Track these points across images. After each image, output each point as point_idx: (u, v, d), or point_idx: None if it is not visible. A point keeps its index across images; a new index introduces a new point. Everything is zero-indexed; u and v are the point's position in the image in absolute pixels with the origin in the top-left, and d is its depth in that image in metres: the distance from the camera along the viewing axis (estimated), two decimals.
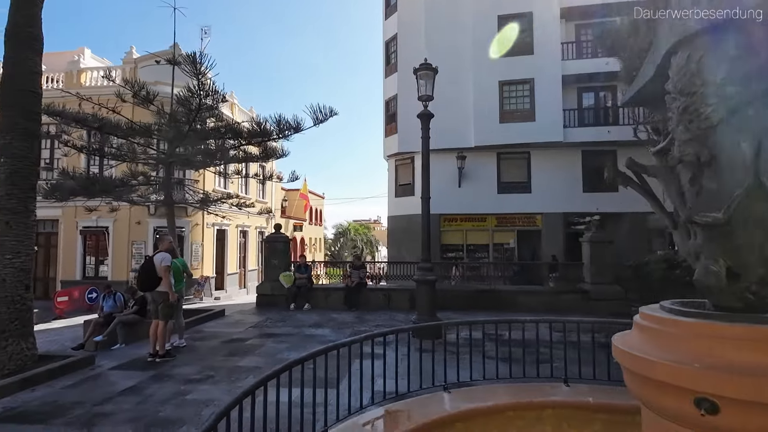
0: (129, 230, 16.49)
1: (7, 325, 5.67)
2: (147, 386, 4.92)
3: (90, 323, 9.04)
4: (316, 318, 9.09)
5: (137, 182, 9.05)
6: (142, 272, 6.20)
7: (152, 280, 6.18)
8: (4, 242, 5.76)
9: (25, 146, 5.98)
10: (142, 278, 6.12)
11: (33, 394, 4.98)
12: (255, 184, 22.60)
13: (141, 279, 6.14)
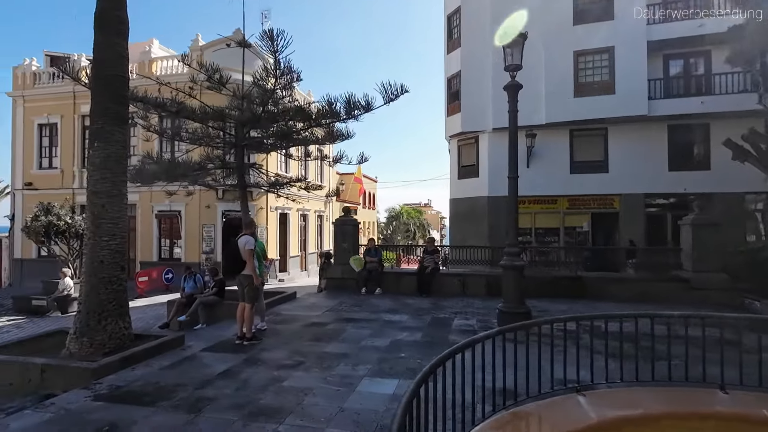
0: (199, 214, 17.11)
1: (105, 305, 5.85)
2: (241, 370, 4.86)
3: (173, 303, 9.40)
4: (390, 303, 8.86)
5: (213, 166, 9.16)
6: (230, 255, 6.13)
7: (238, 263, 6.14)
8: (101, 225, 5.91)
9: (116, 130, 6.07)
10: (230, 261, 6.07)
11: (133, 373, 5.08)
12: (313, 167, 22.75)
13: (229, 262, 6.08)
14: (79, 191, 18.16)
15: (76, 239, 13.27)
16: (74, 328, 5.74)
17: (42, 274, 17.99)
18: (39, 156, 19.09)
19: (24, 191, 18.99)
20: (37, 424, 3.68)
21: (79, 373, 4.96)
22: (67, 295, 12.12)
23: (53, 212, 12.74)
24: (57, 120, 18.70)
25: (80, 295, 5.92)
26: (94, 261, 5.85)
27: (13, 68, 19.28)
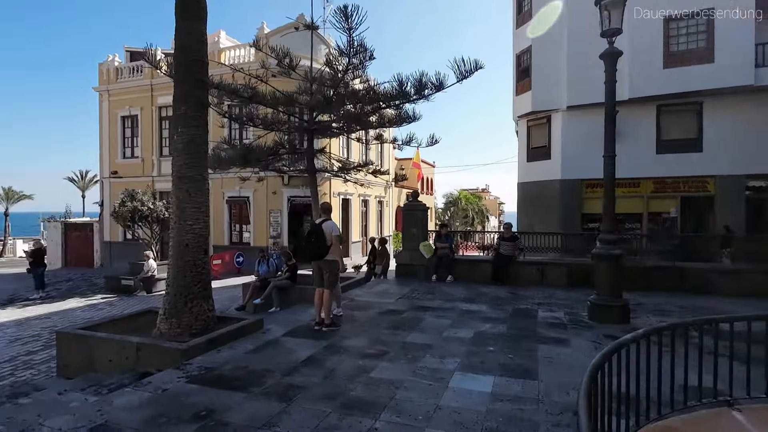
0: (267, 200, 17.57)
1: (191, 288, 5.98)
2: (325, 358, 4.74)
3: (248, 286, 9.65)
4: (465, 292, 8.49)
5: (285, 150, 9.18)
6: (310, 240, 5.99)
7: (321, 249, 6.03)
8: (186, 209, 6.02)
9: (198, 115, 6.13)
10: (312, 246, 5.94)
11: (219, 355, 5.13)
12: (374, 152, 22.62)
13: (310, 247, 5.95)
14: (158, 179, 19.31)
15: (156, 223, 14.09)
16: (163, 309, 5.94)
17: (127, 255, 19.45)
18: (122, 146, 20.50)
19: (111, 179, 20.52)
20: (138, 404, 3.75)
21: (171, 354, 5.09)
22: (151, 276, 12.92)
23: (137, 198, 13.57)
24: (137, 112, 19.91)
25: (168, 278, 6.10)
26: (180, 245, 5.98)
27: (98, 65, 20.73)
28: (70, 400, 4.38)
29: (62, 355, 5.87)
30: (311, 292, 9.21)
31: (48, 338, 8.12)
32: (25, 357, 7.03)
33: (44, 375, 6.20)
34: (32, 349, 7.43)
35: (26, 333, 8.56)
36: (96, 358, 5.55)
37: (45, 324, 9.33)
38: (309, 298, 9.09)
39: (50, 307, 11.15)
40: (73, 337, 5.77)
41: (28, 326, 9.12)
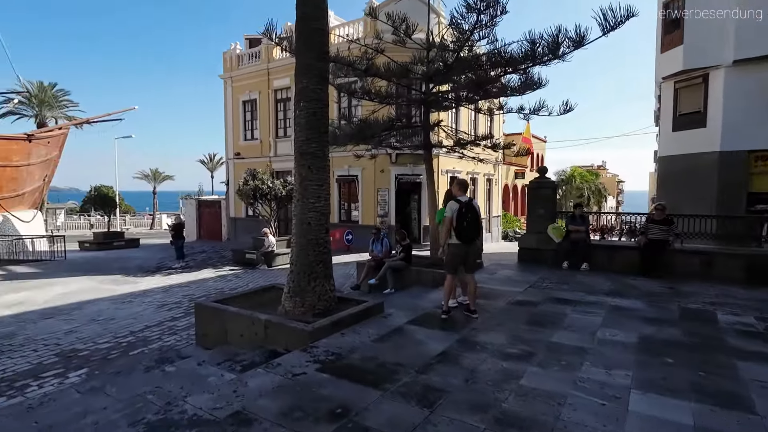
0: (375, 178, 17.50)
1: (314, 267, 5.84)
2: (461, 355, 4.18)
3: (363, 265, 9.53)
4: (608, 283, 7.30)
5: (401, 125, 8.70)
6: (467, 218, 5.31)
7: (480, 229, 5.49)
8: (308, 187, 5.85)
9: (319, 88, 5.86)
10: (473, 226, 5.32)
11: (344, 339, 4.88)
12: (483, 126, 21.30)
13: (472, 227, 5.31)
14: (275, 159, 20.41)
15: (275, 201, 14.80)
16: (287, 287, 5.90)
17: (249, 231, 21.06)
18: (244, 129, 22.02)
19: (234, 160, 22.25)
20: (270, 388, 3.58)
21: (297, 334, 4.97)
22: (271, 251, 13.65)
23: (258, 177, 14.32)
24: (256, 96, 21.13)
25: (291, 255, 6.03)
26: (303, 223, 5.85)
27: (223, 53, 22.35)
28: (208, 373, 4.43)
29: (200, 325, 6.18)
30: (427, 274, 8.79)
31: (187, 306, 8.83)
32: (169, 323, 7.66)
33: (185, 342, 6.61)
34: (175, 316, 8.11)
35: (170, 299, 9.44)
36: (229, 331, 5.71)
37: (185, 292, 10.26)
38: (425, 281, 8.67)
39: (188, 276, 12.33)
40: (208, 310, 6.01)
41: (171, 293, 10.11)
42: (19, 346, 6.43)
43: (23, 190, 22.49)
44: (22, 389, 5.04)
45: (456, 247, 5.40)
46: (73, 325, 7.51)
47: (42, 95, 36.86)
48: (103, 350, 6.30)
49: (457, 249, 5.40)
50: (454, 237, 5.33)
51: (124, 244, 20.85)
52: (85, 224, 41.07)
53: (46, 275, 12.73)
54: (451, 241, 5.40)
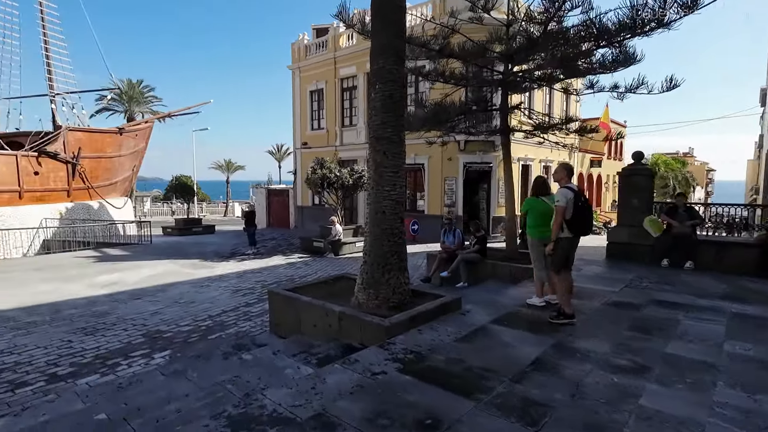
0: (441, 167, 16.97)
1: (388, 258, 5.57)
2: (559, 363, 3.69)
3: (434, 257, 9.15)
4: (721, 285, 6.35)
5: (477, 108, 8.14)
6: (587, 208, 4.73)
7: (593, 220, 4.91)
8: (383, 174, 5.56)
9: (395, 69, 5.50)
10: (588, 218, 4.74)
11: (422, 337, 4.57)
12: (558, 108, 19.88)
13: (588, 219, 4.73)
14: (340, 148, 20.51)
15: (341, 190, 14.80)
16: (361, 278, 5.69)
17: (315, 219, 21.45)
18: (311, 119, 22.35)
19: (302, 150, 22.70)
20: (350, 387, 3.35)
21: (373, 329, 4.73)
22: (337, 240, 13.69)
23: (325, 166, 14.37)
24: (323, 85, 21.30)
25: (364, 246, 5.80)
26: (377, 211, 5.58)
27: (291, 44, 22.75)
28: (284, 365, 4.32)
29: (274, 313, 6.17)
30: (503, 268, 8.22)
31: (260, 292, 9.00)
32: (244, 308, 7.81)
33: (259, 328, 6.67)
34: (249, 302, 8.27)
35: (244, 285, 9.70)
36: (302, 321, 5.62)
37: (257, 278, 10.51)
38: (501, 275, 8.11)
39: (260, 263, 12.69)
40: (281, 298, 5.97)
41: (245, 279, 10.40)
42: (111, 325, 6.83)
43: (116, 179, 24.60)
44: (113, 367, 5.28)
45: (568, 242, 4.75)
46: (158, 307, 7.89)
47: (131, 92, 40.12)
48: (184, 333, 6.51)
49: (569, 243, 4.76)
50: (566, 230, 4.68)
51: (202, 230, 22.12)
52: (168, 211, 44.40)
53: (135, 258, 13.72)
54: (562, 234, 4.72)
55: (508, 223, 8.81)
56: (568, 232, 4.62)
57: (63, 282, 9.95)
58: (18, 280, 10.09)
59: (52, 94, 22.88)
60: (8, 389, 4.70)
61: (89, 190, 22.02)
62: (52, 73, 22.98)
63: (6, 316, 7.34)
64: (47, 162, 19.58)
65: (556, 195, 4.69)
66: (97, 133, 22.97)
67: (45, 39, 22.87)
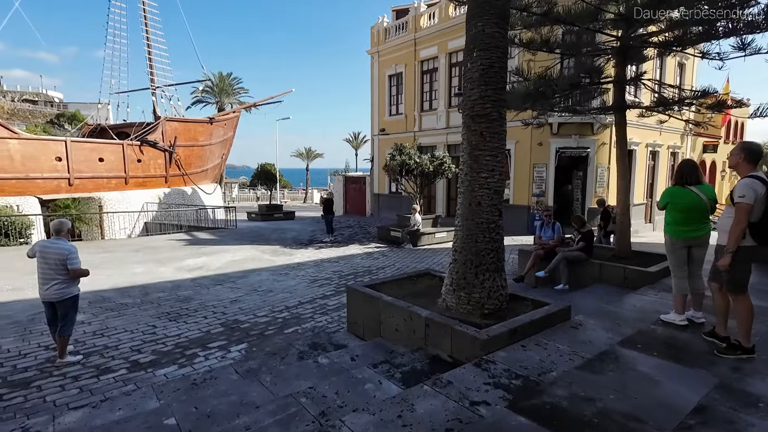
0: (530, 153, 15.52)
1: (483, 257, 4.77)
2: (736, 414, 2.68)
3: (527, 254, 8.13)
4: None
5: (590, 81, 6.90)
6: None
7: None
8: (479, 158, 4.74)
9: (497, 32, 4.62)
10: (562, 206, 3.67)
11: (526, 354, 3.75)
12: (671, 79, 17.22)
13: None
14: (419, 134, 19.73)
15: (420, 177, 14.07)
16: (450, 278, 4.96)
17: (392, 207, 20.99)
18: (389, 104, 21.79)
19: (379, 136, 22.28)
20: (445, 423, 2.68)
21: (467, 342, 4.00)
22: (416, 230, 13.03)
23: (405, 152, 13.71)
24: (402, 69, 20.59)
25: (454, 241, 5.05)
26: (472, 202, 4.79)
27: (370, 28, 22.26)
28: (364, 377, 3.76)
29: (352, 311, 5.67)
30: (615, 270, 7.00)
31: (337, 283, 8.65)
32: (321, 300, 7.47)
33: (336, 324, 6.24)
34: (326, 293, 7.93)
35: (321, 275, 9.43)
36: (383, 323, 5.04)
37: (334, 267, 10.22)
38: (610, 278, 6.91)
39: (337, 251, 12.46)
40: (360, 295, 5.43)
41: (322, 268, 10.16)
42: (193, 312, 6.81)
43: (207, 166, 26.16)
44: (191, 358, 5.13)
45: (750, 252, 3.44)
46: (237, 294, 7.83)
47: (221, 84, 42.59)
48: (261, 324, 6.27)
49: (752, 255, 3.46)
50: (747, 236, 3.40)
51: (282, 216, 22.73)
52: (253, 197, 46.88)
53: (221, 242, 14.23)
54: (744, 243, 3.40)
55: (621, 216, 7.51)
56: (751, 240, 3.42)
57: (155, 264, 10.43)
58: (118, 261, 10.77)
59: (153, 88, 24.76)
60: (94, 375, 4.69)
61: (184, 177, 23.60)
62: (153, 68, 24.82)
63: (103, 296, 7.69)
64: (148, 150, 21.21)
65: (738, 188, 3.41)
66: (190, 122, 24.48)
67: (147, 38, 24.72)
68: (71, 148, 17.76)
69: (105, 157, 19.15)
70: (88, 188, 18.49)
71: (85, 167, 18.34)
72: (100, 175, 18.96)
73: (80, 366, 4.89)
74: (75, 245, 4.99)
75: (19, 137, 16.42)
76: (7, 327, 6.11)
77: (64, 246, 4.77)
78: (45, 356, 5.12)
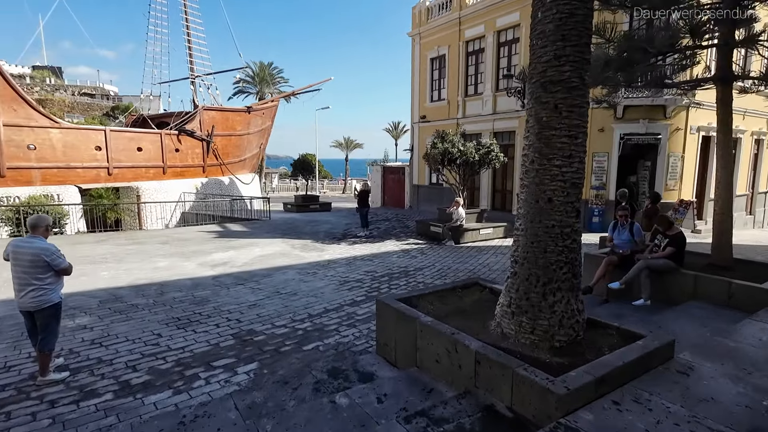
0: (590, 140, 13.76)
1: (554, 272, 3.60)
2: None
3: (596, 259, 6.79)
4: None
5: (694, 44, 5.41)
6: None
7: None
8: (551, 139, 3.55)
9: None
10: None
11: (624, 420, 2.65)
12: None
13: None
14: (463, 121, 18.35)
15: (464, 167, 12.81)
16: (507, 296, 3.83)
17: (431, 199, 19.79)
18: (430, 89, 20.48)
19: (419, 124, 21.04)
20: None
21: (534, 393, 2.89)
22: (459, 225, 11.83)
23: (448, 140, 12.49)
24: (445, 51, 19.20)
25: (514, 249, 3.90)
26: (539, 198, 3.62)
27: (411, 8, 20.94)
28: None
29: (382, 330, 4.66)
30: (716, 285, 5.55)
31: (369, 286, 7.70)
32: (349, 308, 6.53)
33: (364, 341, 5.26)
34: (356, 298, 6.99)
35: (352, 276, 8.50)
36: (421, 350, 3.99)
37: (367, 267, 9.26)
38: (708, 294, 5.46)
39: (372, 248, 11.49)
40: (393, 313, 4.40)
41: (354, 267, 9.23)
42: (206, 318, 6.06)
43: (245, 156, 25.92)
44: (190, 381, 4.31)
45: None
46: (258, 297, 7.04)
47: (262, 74, 42.57)
48: (278, 337, 5.40)
49: None
50: None
51: (318, 208, 22.08)
52: (293, 187, 46.95)
53: (252, 235, 13.64)
54: None
55: (721, 216, 6.02)
56: None
57: (180, 258, 9.88)
58: (144, 254, 10.33)
59: (192, 77, 24.69)
60: (75, 400, 3.96)
61: (221, 167, 23.43)
62: (193, 56, 24.72)
63: (117, 294, 7.12)
64: (186, 140, 21.08)
65: None
66: (228, 112, 24.23)
67: (187, 26, 24.61)
68: (110, 138, 17.79)
69: (143, 147, 19.13)
70: (126, 177, 18.54)
71: (123, 156, 18.37)
72: (139, 164, 18.97)
73: (63, 387, 4.18)
74: (53, 243, 4.27)
75: (61, 126, 16.54)
76: (6, 330, 5.58)
77: (41, 245, 4.05)
78: (31, 370, 4.46)
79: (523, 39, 15.29)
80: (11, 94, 14.94)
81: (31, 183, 15.40)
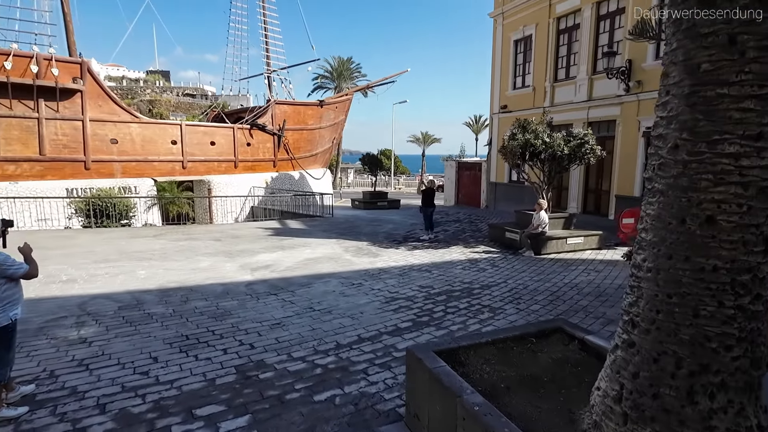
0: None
1: (714, 353, 1.93)
2: None
3: None
4: None
5: None
6: None
7: None
8: (719, 104, 1.86)
9: None
10: None
11: None
12: None
13: None
14: (550, 110, 16.00)
15: (550, 162, 10.77)
16: (616, 383, 2.21)
17: (510, 199, 17.67)
18: (513, 76, 18.30)
19: (499, 115, 18.96)
20: None
21: None
22: (540, 233, 9.88)
23: (530, 130, 10.55)
24: (531, 31, 16.92)
25: (632, 296, 2.28)
26: (688, 215, 1.96)
27: None
28: None
29: (412, 392, 3.25)
30: None
31: (420, 308, 6.29)
32: (388, 338, 5.19)
33: (396, 397, 3.87)
34: (400, 325, 5.63)
35: (403, 291, 7.15)
36: None
37: (424, 280, 7.84)
38: None
39: (434, 255, 10.02)
40: (427, 375, 2.97)
41: (408, 279, 7.87)
42: (217, 339, 5.10)
43: (316, 150, 25.63)
44: None
45: None
46: (286, 313, 5.98)
47: (340, 68, 42.57)
48: (288, 376, 4.23)
49: None
50: None
51: (386, 205, 20.99)
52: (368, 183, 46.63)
53: (308, 234, 12.85)
54: None
55: None
56: None
57: (224, 258, 9.26)
58: (191, 251, 9.90)
59: (268, 72, 24.87)
60: None
61: (292, 161, 23.29)
62: (269, 51, 24.89)
63: (141, 299, 6.50)
64: (257, 134, 21.13)
65: None
66: (300, 105, 24.03)
67: (264, 21, 24.81)
68: (185, 132, 18.21)
69: (216, 141, 19.42)
70: (199, 171, 18.92)
71: (197, 150, 18.76)
72: (211, 158, 19.29)
73: (11, 429, 3.37)
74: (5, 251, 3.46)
75: (140, 121, 17.21)
76: None
77: None
78: None
79: (630, 7, 12.67)
80: (97, 91, 15.73)
81: (112, 175, 16.16)
